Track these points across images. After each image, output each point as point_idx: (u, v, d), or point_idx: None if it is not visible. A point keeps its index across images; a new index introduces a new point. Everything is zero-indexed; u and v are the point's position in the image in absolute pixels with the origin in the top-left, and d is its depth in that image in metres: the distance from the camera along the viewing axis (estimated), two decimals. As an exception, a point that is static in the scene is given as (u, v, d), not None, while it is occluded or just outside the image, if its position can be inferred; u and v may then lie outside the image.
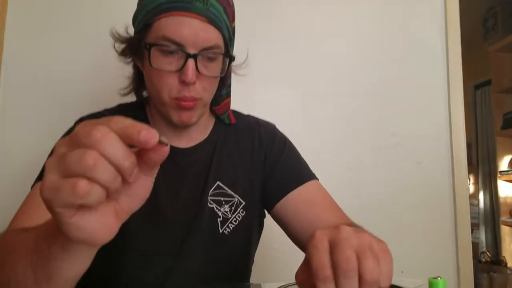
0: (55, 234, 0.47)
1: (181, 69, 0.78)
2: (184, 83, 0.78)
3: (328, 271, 0.43)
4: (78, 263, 0.50)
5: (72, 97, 1.39)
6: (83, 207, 0.39)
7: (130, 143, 0.38)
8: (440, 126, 1.68)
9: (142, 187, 0.44)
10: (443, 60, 1.71)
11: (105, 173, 0.37)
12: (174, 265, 0.84)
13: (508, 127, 3.49)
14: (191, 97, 0.80)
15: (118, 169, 0.38)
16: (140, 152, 0.40)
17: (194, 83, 0.79)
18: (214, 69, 0.83)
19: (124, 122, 0.39)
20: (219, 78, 0.87)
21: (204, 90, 0.82)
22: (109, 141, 0.37)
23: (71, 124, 0.90)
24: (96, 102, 0.98)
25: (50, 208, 0.39)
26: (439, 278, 0.45)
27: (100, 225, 0.41)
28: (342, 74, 1.63)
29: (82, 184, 0.36)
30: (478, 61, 3.77)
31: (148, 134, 0.37)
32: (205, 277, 0.85)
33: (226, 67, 0.86)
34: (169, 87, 0.80)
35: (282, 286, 0.55)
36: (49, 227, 0.49)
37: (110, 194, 0.39)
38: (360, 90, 1.64)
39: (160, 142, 0.39)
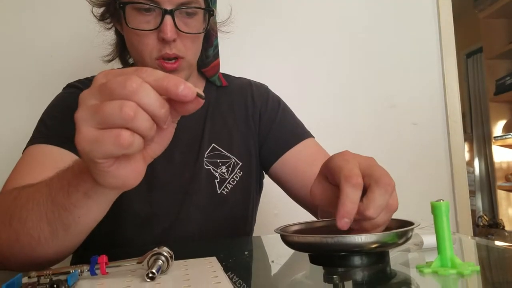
0: (76, 183, 0.49)
1: (159, 27, 0.76)
2: (164, 41, 0.76)
3: (360, 179, 0.47)
4: (100, 208, 0.52)
5: (54, 68, 1.36)
6: (121, 156, 0.41)
7: (165, 95, 0.39)
8: (434, 87, 1.69)
9: (167, 132, 0.46)
10: (435, 23, 1.71)
11: (144, 122, 0.38)
12: (172, 226, 0.83)
13: (501, 92, 3.50)
14: (174, 54, 0.77)
15: (154, 118, 0.39)
16: (170, 100, 0.40)
17: (174, 40, 0.77)
18: (194, 25, 0.80)
19: (156, 74, 0.39)
20: (202, 36, 0.85)
21: (186, 48, 0.79)
22: (145, 91, 0.38)
23: (57, 92, 0.89)
24: (81, 71, 0.96)
25: (89, 159, 0.40)
26: (441, 201, 0.45)
27: (132, 170, 0.44)
28: (335, 40, 1.62)
29: (126, 135, 0.37)
30: (469, 29, 3.77)
31: (186, 89, 0.39)
32: (205, 238, 0.85)
33: (207, 23, 0.83)
34: (149, 47, 0.78)
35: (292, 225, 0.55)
36: (65, 178, 0.51)
37: (144, 142, 0.40)
38: (354, 55, 1.63)
39: (198, 96, 0.40)
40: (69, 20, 1.38)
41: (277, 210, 1.38)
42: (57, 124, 0.79)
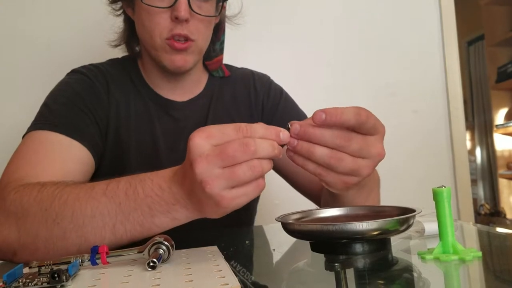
0: (165, 210, 0.52)
1: (173, 5, 0.76)
2: (177, 19, 0.76)
3: (369, 117, 0.50)
4: (180, 224, 0.54)
5: (60, 57, 1.35)
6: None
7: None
8: (435, 75, 1.68)
9: None
10: (437, 10, 1.70)
11: (269, 167, 0.47)
12: None
13: (503, 80, 3.48)
14: (185, 35, 0.77)
15: (273, 158, 0.47)
16: None
17: (187, 20, 0.77)
18: (207, 9, 0.80)
19: (256, 129, 0.47)
20: (213, 23, 0.85)
21: (198, 32, 0.79)
22: (261, 147, 0.46)
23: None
24: (81, 61, 0.95)
25: (227, 209, 0.47)
26: (443, 187, 0.45)
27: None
28: (335, 28, 1.61)
29: (263, 181, 0.47)
30: (470, 16, 3.74)
31: (285, 134, 0.48)
32: (206, 228, 0.85)
33: (221, 8, 0.84)
34: (161, 26, 0.77)
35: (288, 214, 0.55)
36: (142, 202, 0.52)
37: None
38: (354, 43, 1.62)
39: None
40: (67, 11, 1.37)
41: (278, 200, 1.38)
42: (64, 110, 0.77)
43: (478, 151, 4.19)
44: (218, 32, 0.92)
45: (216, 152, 0.45)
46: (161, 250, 0.47)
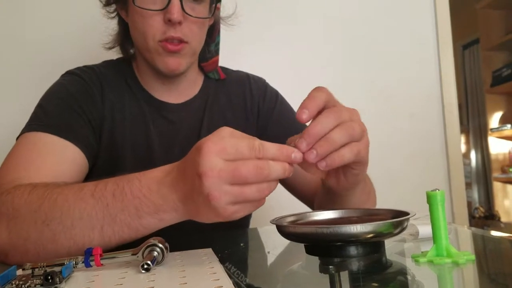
0: (152, 211, 0.52)
1: (166, 8, 0.75)
2: (170, 22, 0.76)
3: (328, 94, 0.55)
4: (167, 225, 0.54)
5: (54, 59, 1.34)
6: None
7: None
8: (431, 79, 1.69)
9: None
10: (432, 14, 1.71)
11: (274, 187, 0.48)
12: None
13: (497, 84, 3.50)
14: (178, 37, 0.77)
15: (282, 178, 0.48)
16: None
17: (180, 22, 0.76)
18: (200, 11, 0.80)
19: (269, 149, 0.47)
20: (207, 25, 0.85)
21: (192, 34, 0.79)
22: (273, 169, 0.47)
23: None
24: (80, 63, 0.95)
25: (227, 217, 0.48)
26: (437, 191, 0.45)
27: None
28: (331, 32, 1.61)
29: (264, 200, 0.49)
30: (465, 20, 3.76)
31: (297, 154, 0.49)
32: (200, 231, 0.84)
33: (214, 10, 0.84)
34: (154, 29, 0.77)
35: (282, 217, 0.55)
36: (129, 203, 0.52)
37: None
38: (350, 47, 1.63)
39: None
40: (63, 13, 1.37)
41: (273, 202, 1.38)
42: (58, 112, 0.77)
43: (473, 155, 4.21)
44: (212, 33, 0.92)
45: (229, 169, 0.45)
46: (155, 252, 0.47)
